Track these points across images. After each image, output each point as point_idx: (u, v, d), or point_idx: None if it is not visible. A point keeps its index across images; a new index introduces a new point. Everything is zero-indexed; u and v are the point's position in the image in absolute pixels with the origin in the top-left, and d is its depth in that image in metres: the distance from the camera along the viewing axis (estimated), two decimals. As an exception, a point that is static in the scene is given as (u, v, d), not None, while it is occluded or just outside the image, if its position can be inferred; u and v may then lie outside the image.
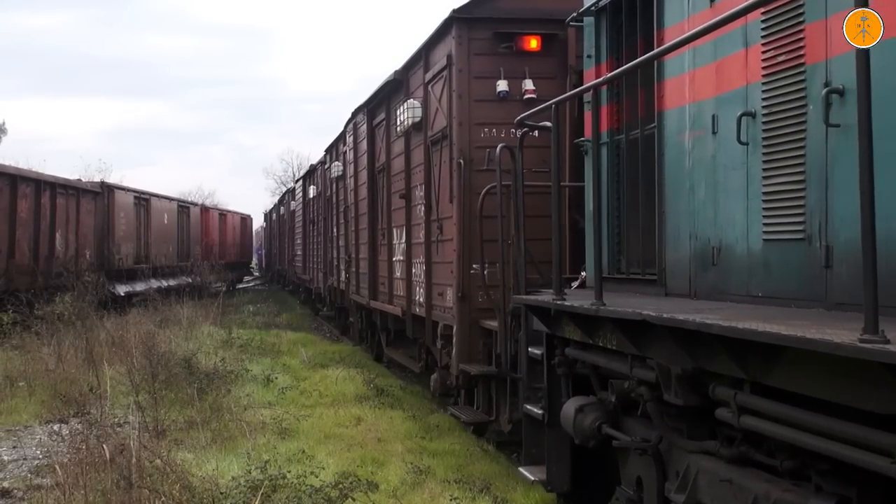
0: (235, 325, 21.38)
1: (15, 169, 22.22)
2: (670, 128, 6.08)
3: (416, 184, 11.94)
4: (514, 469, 8.93)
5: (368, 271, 15.60)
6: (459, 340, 9.85)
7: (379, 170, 14.88)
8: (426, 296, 11.30)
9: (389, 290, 13.98)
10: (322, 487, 7.18)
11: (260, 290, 49.23)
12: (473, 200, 9.37)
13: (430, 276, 11.21)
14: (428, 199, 11.13)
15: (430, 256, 11.15)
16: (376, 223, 15.19)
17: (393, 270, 13.74)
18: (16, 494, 8.04)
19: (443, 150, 10.38)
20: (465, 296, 9.73)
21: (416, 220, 11.96)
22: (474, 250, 9.46)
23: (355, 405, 12.07)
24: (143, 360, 11.97)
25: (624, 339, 5.27)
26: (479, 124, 9.80)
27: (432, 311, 11.19)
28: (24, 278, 20.78)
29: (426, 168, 11.20)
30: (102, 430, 8.65)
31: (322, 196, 25.02)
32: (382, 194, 14.59)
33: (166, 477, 7.07)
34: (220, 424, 10.27)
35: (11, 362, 14.45)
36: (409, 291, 12.42)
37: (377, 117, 14.99)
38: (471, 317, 9.78)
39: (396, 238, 13.38)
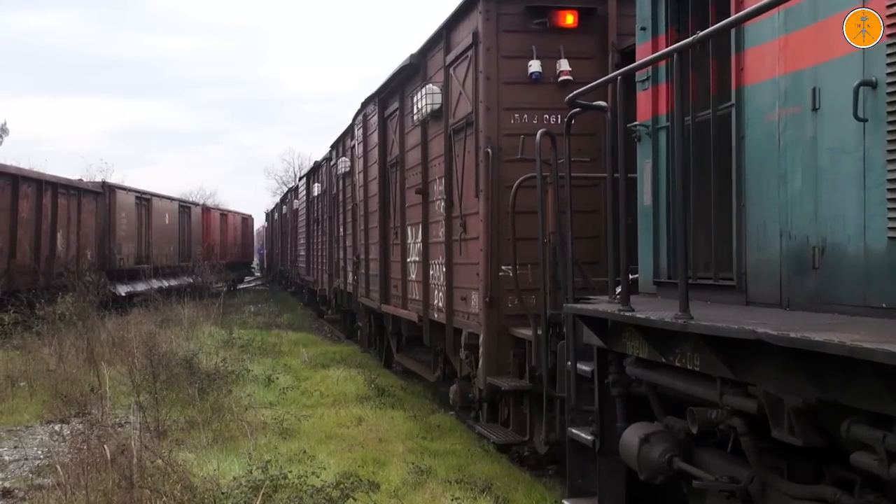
0: (236, 326, 21.40)
1: (16, 169, 22.22)
2: (753, 106, 5.20)
3: (435, 177, 10.98)
4: (516, 469, 8.94)
5: (379, 273, 14.46)
6: (487, 351, 8.90)
7: (391, 164, 13.79)
8: (446, 300, 10.34)
9: (403, 293, 12.92)
10: (323, 487, 7.18)
11: (261, 290, 49.24)
12: (503, 194, 8.57)
13: (451, 279, 10.25)
14: (449, 193, 10.18)
15: (451, 257, 10.21)
16: (388, 221, 14.10)
17: (407, 272, 12.73)
18: (17, 494, 8.04)
19: (467, 138, 9.45)
20: (494, 301, 8.82)
21: (435, 217, 11.00)
22: (504, 250, 8.62)
23: (356, 405, 12.07)
24: (144, 360, 11.96)
25: (714, 360, 4.46)
26: (509, 109, 8.88)
27: (454, 317, 10.22)
28: (25, 278, 20.80)
29: (447, 160, 10.25)
30: (103, 431, 8.66)
31: (327, 194, 23.94)
32: (395, 190, 13.45)
33: (167, 477, 7.07)
34: (222, 424, 10.27)
35: (13, 362, 14.45)
36: (427, 295, 11.44)
37: (389, 107, 13.89)
38: (499, 324, 8.86)
39: (411, 237, 12.43)
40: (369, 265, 15.74)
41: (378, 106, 14.45)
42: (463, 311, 9.83)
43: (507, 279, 8.59)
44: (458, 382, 10.36)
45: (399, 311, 13.19)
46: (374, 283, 15.19)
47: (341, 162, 19.72)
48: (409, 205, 12.52)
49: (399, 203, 13.11)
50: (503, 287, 8.76)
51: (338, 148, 21.74)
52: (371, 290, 15.53)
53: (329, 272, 23.38)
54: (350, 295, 19.25)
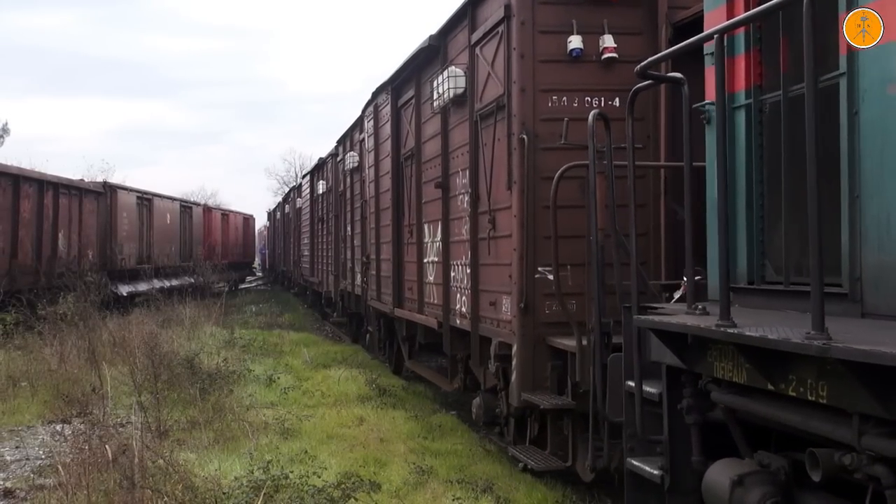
0: (238, 326, 21.41)
1: (18, 169, 22.23)
2: (871, 74, 4.35)
3: (457, 170, 10.03)
4: (517, 469, 8.94)
5: (392, 274, 13.33)
6: (521, 363, 7.91)
7: (406, 157, 12.70)
8: (471, 305, 9.33)
9: (419, 296, 11.88)
10: (324, 487, 7.18)
11: (262, 290, 49.25)
12: (539, 186, 7.75)
13: (476, 282, 9.24)
14: (474, 187, 9.23)
15: (476, 257, 9.22)
16: (402, 219, 13.00)
17: (424, 274, 11.74)
18: (18, 494, 8.05)
19: (497, 125, 8.47)
20: (529, 307, 7.84)
21: (457, 214, 10.05)
22: (541, 249, 7.73)
23: (357, 405, 12.07)
24: (146, 360, 11.97)
25: (856, 393, 3.63)
26: (546, 91, 7.94)
27: (480, 323, 9.21)
28: (26, 278, 20.81)
29: (472, 150, 9.30)
30: (105, 431, 8.67)
31: (333, 191, 22.80)
32: (410, 185, 12.36)
33: (169, 477, 7.08)
34: (223, 425, 10.27)
35: (14, 362, 14.46)
36: (447, 299, 10.44)
37: (404, 95, 12.81)
38: (535, 333, 7.89)
39: (429, 235, 11.45)
40: (380, 266, 14.63)
41: (391, 95, 13.39)
42: (491, 317, 8.80)
43: (544, 282, 7.68)
44: (481, 395, 9.46)
45: (415, 316, 12.14)
46: (385, 285, 14.18)
47: (349, 157, 18.84)
48: (427, 200, 11.56)
49: (414, 199, 12.12)
50: (539, 291, 7.82)
51: (345, 143, 20.87)
52: (383, 292, 14.48)
53: (335, 273, 22.43)
54: (358, 297, 18.30)
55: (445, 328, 10.60)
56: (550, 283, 7.49)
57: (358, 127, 18.36)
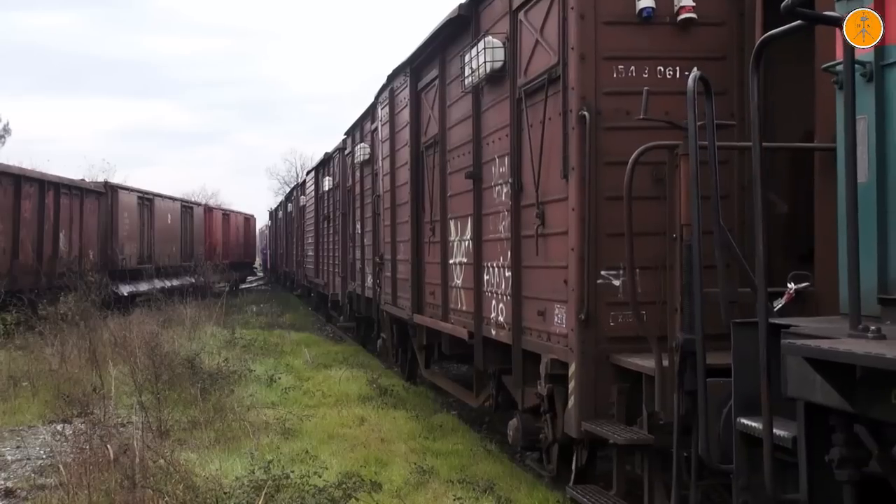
0: (239, 326, 21.40)
1: (19, 169, 22.25)
2: None
3: (493, 157, 8.76)
4: (518, 469, 8.94)
5: (410, 277, 12.00)
6: (581, 385, 6.67)
7: (427, 145, 11.34)
8: (512, 314, 8.08)
9: (443, 301, 10.57)
10: (325, 487, 7.19)
11: (263, 290, 49.27)
12: (603, 173, 6.58)
13: (518, 287, 8.00)
14: (516, 176, 7.96)
15: (519, 258, 7.97)
16: (422, 215, 11.66)
17: (449, 276, 10.39)
18: (20, 494, 8.05)
19: (547, 101, 7.22)
20: (591, 318, 6.61)
21: (493, 208, 8.80)
22: (605, 249, 6.60)
23: (358, 405, 12.07)
24: (147, 360, 11.98)
25: None
26: (611, 59, 6.69)
27: (523, 336, 7.93)
28: (27, 278, 20.83)
29: (513, 132, 8.03)
30: (106, 430, 8.66)
31: (340, 188, 21.43)
32: (432, 177, 11.01)
33: (170, 477, 7.08)
34: (224, 424, 10.27)
35: (15, 362, 14.46)
36: (479, 306, 9.24)
37: (425, 77, 11.44)
38: (598, 350, 6.65)
39: (455, 233, 10.13)
40: (397, 267, 13.28)
41: (410, 77, 11.98)
42: (539, 329, 7.53)
43: (608, 289, 6.61)
44: (519, 417, 8.31)
45: (439, 325, 10.77)
46: (402, 288, 12.86)
47: (359, 149, 17.37)
48: (453, 194, 10.27)
49: (437, 192, 10.80)
50: (603, 299, 6.63)
51: (353, 134, 19.48)
52: (399, 296, 13.14)
53: (342, 275, 21.06)
54: (369, 300, 16.92)
55: (477, 339, 9.28)
56: (615, 290, 6.55)
57: (369, 116, 17.09)
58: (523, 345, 7.97)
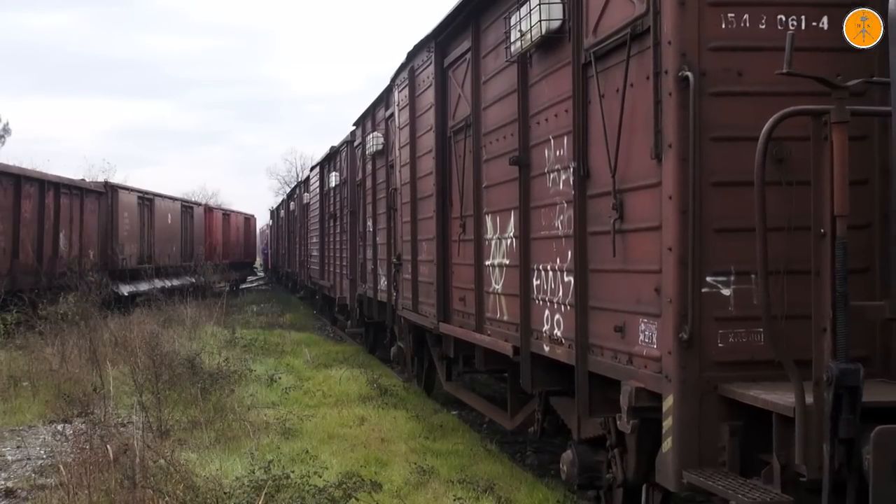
0: (239, 325, 21.41)
1: (19, 169, 22.25)
2: None
3: (547, 137, 7.28)
4: (518, 469, 8.94)
5: (436, 280, 10.54)
6: (682, 423, 5.23)
7: (456, 129, 9.94)
8: (576, 329, 6.58)
9: (477, 309, 9.17)
10: (325, 487, 7.18)
11: (263, 290, 49.27)
12: (710, 152, 5.23)
13: (584, 295, 6.54)
14: (582, 158, 6.52)
15: (585, 260, 6.53)
16: (449, 210, 10.26)
17: (485, 280, 8.98)
18: (20, 494, 8.05)
19: (630, 64, 5.77)
20: (696, 337, 5.21)
21: (546, 199, 7.33)
22: (713, 248, 5.25)
23: (359, 405, 12.07)
24: (147, 360, 11.97)
25: None
26: (717, 4, 5.32)
27: (590, 355, 6.48)
28: (28, 278, 20.83)
29: (578, 106, 6.58)
30: (106, 430, 8.67)
31: (348, 183, 19.93)
32: (462, 165, 9.66)
33: (170, 477, 7.08)
34: (224, 424, 10.28)
35: (15, 362, 14.46)
36: (526, 316, 7.75)
37: (453, 51, 9.97)
38: (703, 378, 5.24)
39: (493, 230, 8.74)
40: (418, 269, 11.79)
41: (434, 53, 10.51)
42: (616, 348, 6.10)
43: (715, 299, 5.25)
44: (575, 449, 7.01)
45: (472, 336, 9.34)
46: (425, 292, 11.42)
47: (371, 139, 15.84)
48: (491, 184, 8.84)
49: (470, 183, 9.37)
50: (709, 313, 5.25)
51: (364, 123, 18.05)
52: (422, 302, 11.67)
53: (351, 276, 19.55)
54: (382, 305, 15.66)
55: (524, 357, 7.80)
56: (725, 302, 5.25)
57: (383, 102, 15.72)
58: (591, 366, 6.46)
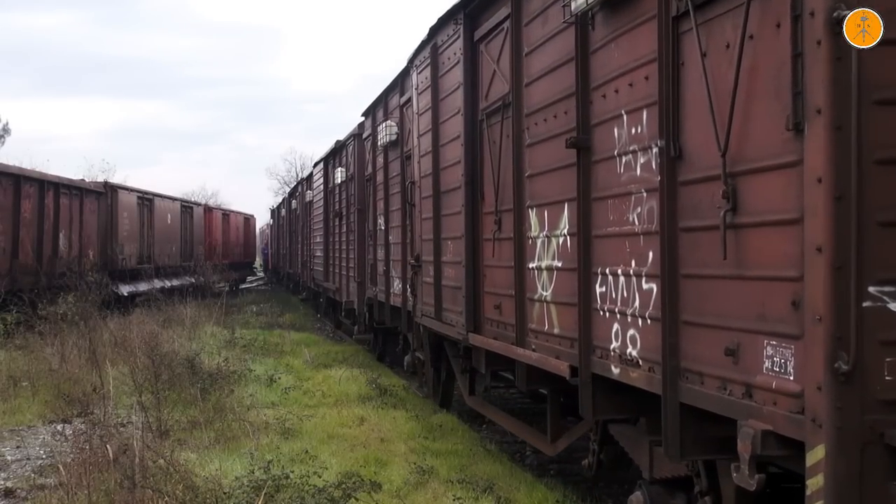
0: (238, 326, 21.41)
1: (18, 169, 22.25)
2: None
3: (618, 112, 5.97)
4: (518, 469, 8.94)
5: (464, 284, 9.21)
6: (838, 486, 4.04)
7: (490, 111, 8.68)
8: (663, 348, 5.28)
9: (518, 319, 7.82)
10: (325, 487, 7.18)
11: (263, 290, 49.27)
12: (872, 120, 4.03)
13: (675, 307, 5.23)
14: (672, 135, 5.24)
15: (675, 262, 5.24)
16: (480, 203, 9.09)
17: (527, 285, 7.68)
18: (19, 494, 8.06)
19: (751, 8, 4.52)
20: (858, 369, 4.02)
21: (615, 188, 6.02)
22: (878, 249, 4.07)
23: (358, 405, 12.07)
24: (147, 360, 11.98)
25: None
26: None
27: (682, 382, 5.19)
28: (27, 278, 20.83)
29: (666, 69, 5.30)
30: (106, 430, 8.67)
31: (356, 179, 18.58)
32: (497, 152, 8.42)
33: (170, 477, 7.08)
34: (224, 424, 10.28)
35: (15, 362, 14.47)
36: (587, 329, 6.42)
37: (486, 21, 8.76)
38: (863, 422, 4.05)
39: (538, 226, 7.45)
40: (441, 271, 10.40)
41: (463, 26, 9.33)
42: (727, 376, 4.80)
43: (882, 317, 4.06)
44: (644, 490, 6.09)
45: (513, 352, 7.97)
46: (450, 298, 10.08)
47: (384, 128, 14.51)
48: (535, 172, 7.56)
49: (509, 171, 8.07)
50: (872, 335, 4.05)
51: (374, 113, 16.70)
52: (446, 309, 10.26)
53: (359, 279, 18.19)
54: (396, 310, 14.51)
55: (584, 379, 6.44)
56: (894, 320, 4.06)
57: (397, 88, 14.54)
58: (683, 396, 5.19)
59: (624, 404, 6.32)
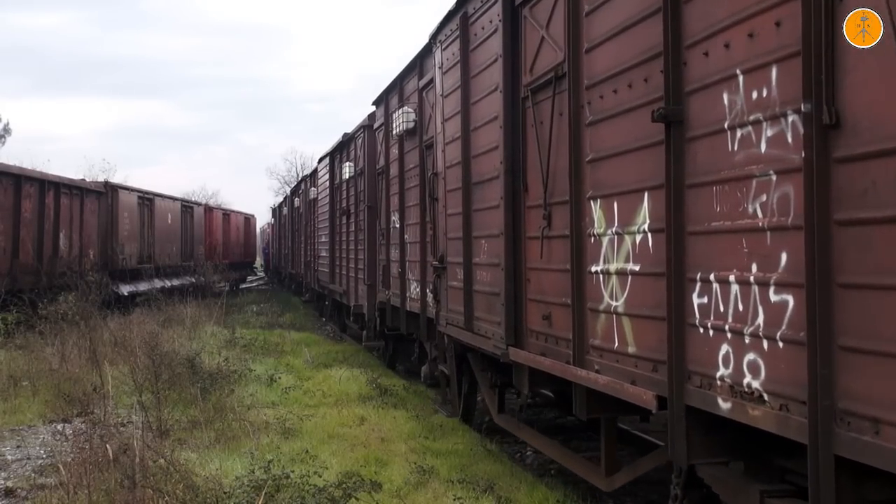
0: (239, 325, 21.41)
1: (19, 169, 22.26)
2: None
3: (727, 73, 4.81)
4: (518, 469, 8.93)
5: (503, 290, 8.02)
6: None
7: (536, 86, 7.36)
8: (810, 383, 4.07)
9: (576, 333, 6.54)
10: (325, 487, 7.18)
11: (263, 289, 49.28)
12: None
13: (827, 327, 4.01)
14: (825, 97, 4.02)
15: (826, 267, 4.03)
16: (524, 196, 7.79)
17: (589, 293, 6.41)
18: (20, 494, 8.06)
19: None
20: None
21: (724, 170, 4.82)
22: None
23: (359, 405, 12.07)
24: (147, 359, 11.98)
25: None
26: None
27: (838, 428, 3.95)
28: (28, 278, 20.84)
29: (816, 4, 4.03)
30: (106, 430, 8.67)
31: (366, 173, 17.31)
32: (548, 133, 7.16)
33: (170, 476, 7.08)
34: (224, 424, 10.28)
35: (15, 362, 14.48)
36: (680, 350, 5.18)
37: None
38: None
39: (604, 221, 6.16)
40: (472, 275, 9.15)
41: None
42: None
43: None
44: None
45: (569, 372, 6.66)
46: (483, 305, 8.84)
47: (399, 115, 13.23)
48: (599, 156, 6.26)
49: (563, 156, 6.82)
50: None
51: (388, 101, 15.41)
52: (478, 318, 9.02)
53: (369, 281, 16.97)
54: (413, 316, 13.42)
55: (677, 412, 5.18)
56: None
57: (415, 71, 13.34)
58: (844, 447, 3.93)
59: (726, 445, 5.17)
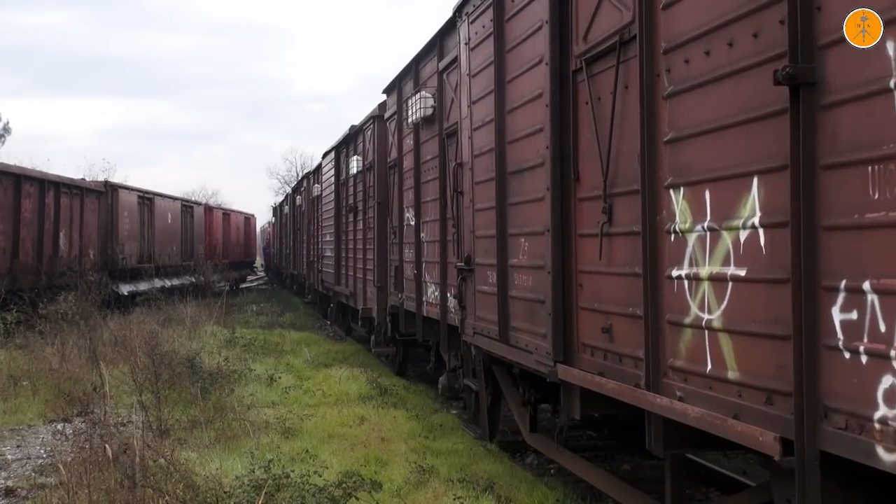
0: (239, 325, 21.42)
1: (19, 168, 22.27)
2: None
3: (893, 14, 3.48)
4: (518, 469, 8.94)
5: (550, 297, 6.82)
6: None
7: (590, 58, 6.24)
8: None
9: (651, 352, 5.33)
10: (326, 487, 7.18)
11: (263, 289, 49.29)
12: None
13: None
14: None
15: None
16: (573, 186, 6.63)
17: (665, 301, 5.24)
18: (20, 493, 8.06)
19: None
20: None
21: (880, 146, 3.58)
22: None
23: (359, 404, 12.08)
24: (147, 359, 11.98)
25: None
26: None
27: None
28: (28, 277, 20.84)
29: None
30: (106, 430, 8.67)
31: (375, 167, 16.09)
32: (609, 112, 5.92)
33: (170, 476, 7.08)
34: (224, 424, 10.28)
35: (15, 362, 14.48)
36: (813, 382, 3.94)
37: None
38: None
39: (688, 215, 5.00)
40: (508, 278, 7.94)
41: None
42: None
43: None
44: None
45: (643, 399, 5.40)
46: (523, 314, 7.61)
47: (416, 101, 12.04)
48: (683, 135, 5.06)
49: (630, 137, 5.65)
50: None
51: (401, 87, 14.19)
52: (515, 328, 7.81)
53: (379, 283, 15.74)
54: (430, 322, 12.43)
55: (810, 459, 4.00)
56: None
57: (433, 52, 12.10)
58: None
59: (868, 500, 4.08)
